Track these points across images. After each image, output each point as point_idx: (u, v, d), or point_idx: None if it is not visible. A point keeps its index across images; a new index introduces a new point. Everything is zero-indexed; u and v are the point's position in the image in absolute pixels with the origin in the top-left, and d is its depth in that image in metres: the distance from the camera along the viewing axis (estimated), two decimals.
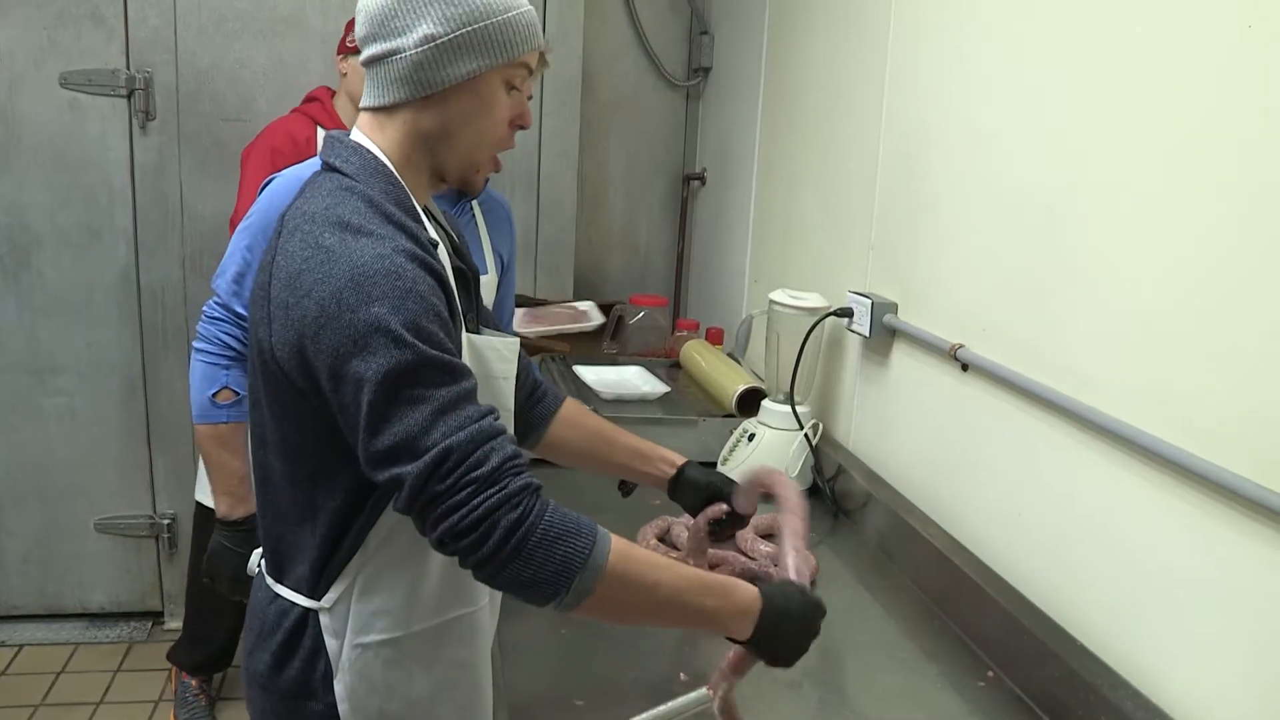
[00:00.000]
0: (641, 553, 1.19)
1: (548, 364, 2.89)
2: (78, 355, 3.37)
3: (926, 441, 2.04)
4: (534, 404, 1.63)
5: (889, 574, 1.98)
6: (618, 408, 2.51)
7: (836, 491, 2.28)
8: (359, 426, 1.14)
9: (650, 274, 3.91)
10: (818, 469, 2.33)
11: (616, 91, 3.75)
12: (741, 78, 3.30)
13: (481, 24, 1.25)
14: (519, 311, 3.08)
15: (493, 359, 1.36)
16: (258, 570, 1.40)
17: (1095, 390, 1.51)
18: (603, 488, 2.31)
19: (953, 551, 1.82)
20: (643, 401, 2.61)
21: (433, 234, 1.28)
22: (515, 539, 1.10)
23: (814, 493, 2.34)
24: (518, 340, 1.43)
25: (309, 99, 3.04)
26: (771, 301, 2.37)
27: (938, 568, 1.84)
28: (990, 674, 1.62)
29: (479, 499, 1.10)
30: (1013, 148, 1.74)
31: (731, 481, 1.67)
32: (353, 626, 1.30)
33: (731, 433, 2.42)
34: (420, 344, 1.13)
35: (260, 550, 1.40)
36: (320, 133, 2.95)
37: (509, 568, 1.11)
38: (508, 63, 1.28)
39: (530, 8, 1.31)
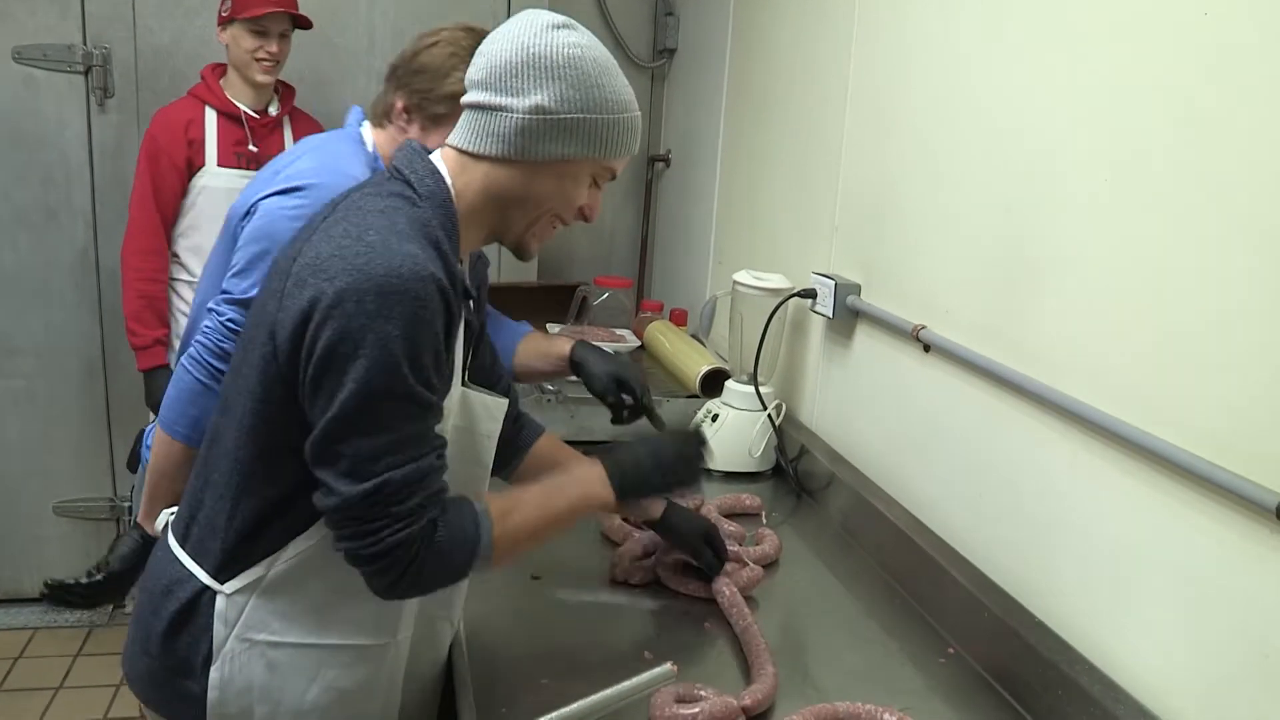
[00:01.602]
0: (513, 507, 1.29)
1: None
2: (35, 337, 3.32)
3: (889, 422, 2.06)
4: (517, 430, 1.66)
5: (851, 553, 2.00)
6: (582, 389, 2.50)
7: (800, 472, 2.30)
8: (321, 419, 1.17)
9: (615, 255, 3.90)
10: (781, 449, 2.34)
11: None
12: (706, 59, 3.30)
13: (594, 116, 1.26)
14: (559, 328, 3.07)
15: (481, 415, 1.41)
16: (165, 524, 1.40)
17: (1055, 371, 1.53)
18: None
19: (914, 531, 1.84)
20: None
21: (468, 283, 1.29)
22: (413, 569, 1.19)
23: (777, 473, 2.35)
24: (506, 402, 1.46)
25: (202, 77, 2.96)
26: (735, 282, 2.38)
27: (899, 547, 1.86)
28: (951, 651, 1.64)
29: (387, 532, 1.17)
30: (977, 132, 1.75)
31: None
32: (246, 620, 1.30)
33: (695, 413, 2.42)
34: (411, 378, 1.15)
35: (175, 508, 1.40)
36: (209, 113, 2.89)
37: (412, 588, 1.24)
38: (603, 159, 1.30)
39: (638, 114, 1.33)
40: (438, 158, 1.30)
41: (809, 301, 2.26)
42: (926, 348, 1.87)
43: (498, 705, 1.39)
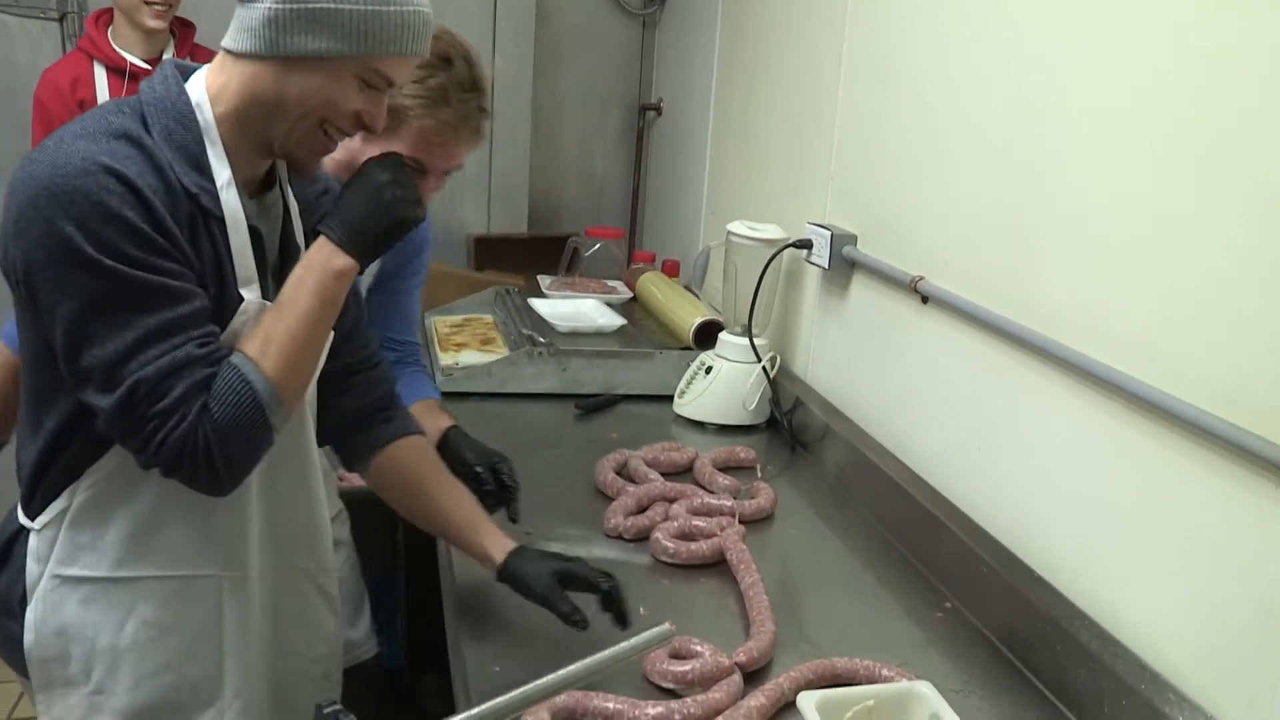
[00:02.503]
0: (264, 335, 1.20)
1: (503, 298, 2.84)
2: None
3: (885, 374, 2.03)
4: (376, 423, 1.49)
5: (847, 506, 1.99)
6: (573, 341, 2.48)
7: (794, 424, 2.27)
8: (58, 344, 1.13)
9: (606, 206, 3.85)
10: (775, 402, 2.32)
11: (572, 19, 3.67)
12: (699, 6, 3.23)
13: (347, 6, 1.15)
14: (549, 279, 3.03)
15: None
16: None
17: (1057, 324, 1.50)
18: (560, 418, 2.30)
19: (911, 484, 1.82)
20: (599, 334, 2.58)
21: (223, 186, 1.20)
22: (214, 457, 1.14)
23: (772, 425, 2.33)
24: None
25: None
26: (729, 233, 2.34)
27: (896, 500, 1.84)
28: (948, 605, 1.63)
29: (161, 434, 1.12)
30: (977, 81, 1.71)
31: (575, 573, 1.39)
32: (57, 555, 1.25)
33: (689, 366, 2.40)
34: (123, 267, 1.09)
35: None
36: (98, 69, 2.70)
37: (231, 474, 1.18)
38: (362, 56, 1.18)
39: (420, 11, 1.20)
40: (203, 69, 1.24)
41: (804, 252, 2.23)
42: (925, 299, 1.84)
43: (489, 663, 1.38)
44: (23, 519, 1.27)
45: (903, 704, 1.22)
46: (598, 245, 3.25)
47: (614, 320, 2.66)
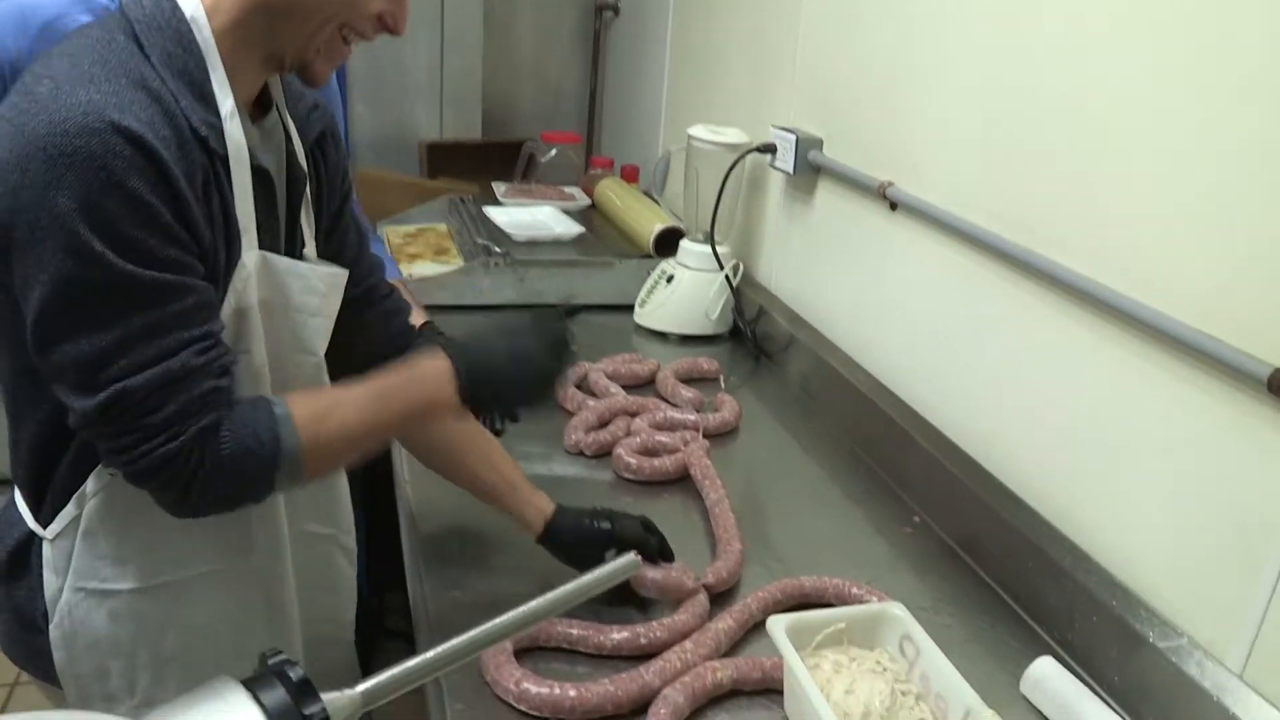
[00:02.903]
0: (329, 410, 1.07)
1: (458, 206, 2.75)
2: None
3: (851, 282, 1.98)
4: (397, 337, 1.37)
5: (812, 418, 1.95)
6: (531, 250, 2.41)
7: (758, 334, 2.23)
8: (28, 329, 0.96)
9: (562, 110, 3.74)
10: (738, 311, 2.27)
11: None
12: None
13: None
14: (504, 187, 2.92)
15: (294, 288, 1.14)
16: None
17: (1032, 233, 1.45)
18: None
19: (877, 395, 1.79)
20: (557, 244, 2.51)
21: (227, 117, 1.03)
22: (197, 485, 1.00)
23: (735, 335, 2.29)
24: (331, 271, 1.20)
25: None
26: (690, 137, 2.26)
27: (862, 412, 1.80)
28: (916, 519, 1.60)
29: (144, 447, 0.97)
30: None
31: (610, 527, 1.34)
32: (76, 567, 1.13)
33: (649, 275, 2.34)
34: (114, 257, 0.93)
35: None
36: None
37: (205, 507, 1.04)
38: None
39: None
40: None
41: (768, 157, 2.15)
42: (893, 206, 1.78)
43: (449, 589, 1.33)
44: (33, 524, 1.14)
45: (874, 626, 1.19)
46: (554, 151, 3.16)
47: (572, 228, 2.59)
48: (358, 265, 1.29)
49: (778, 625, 1.14)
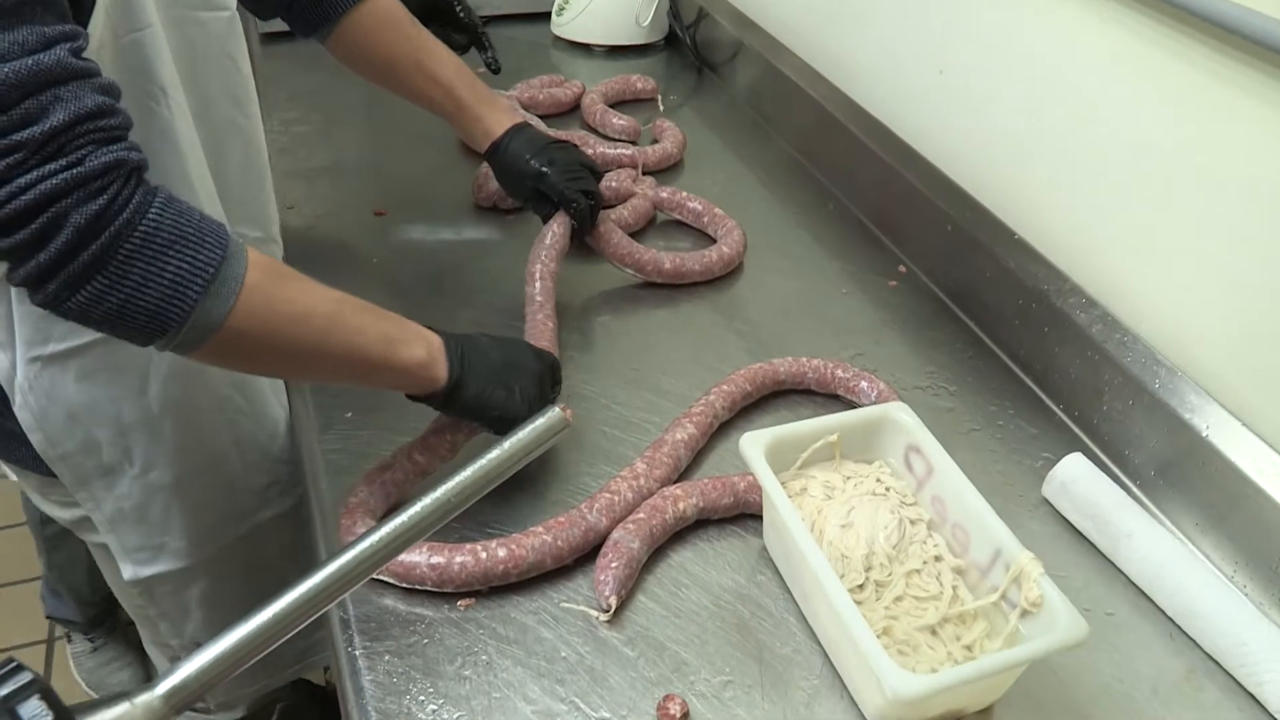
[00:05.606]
0: (294, 277, 0.85)
1: None
2: None
3: None
4: None
5: (769, 143, 1.66)
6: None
7: (698, 41, 1.92)
8: None
9: None
10: (674, 14, 1.96)
11: None
12: None
13: None
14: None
15: None
16: None
17: None
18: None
19: (848, 115, 1.49)
20: None
21: None
22: (97, 244, 0.72)
23: (671, 44, 1.95)
24: None
25: None
26: None
27: (827, 133, 1.52)
28: (902, 270, 1.35)
29: (32, 176, 0.69)
30: None
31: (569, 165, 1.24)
32: (22, 335, 0.97)
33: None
34: None
35: None
36: None
37: (86, 287, 0.73)
38: None
39: None
40: None
41: None
42: None
43: (342, 409, 1.07)
44: None
45: (871, 434, 0.96)
46: None
47: None
48: None
49: (754, 447, 0.90)
